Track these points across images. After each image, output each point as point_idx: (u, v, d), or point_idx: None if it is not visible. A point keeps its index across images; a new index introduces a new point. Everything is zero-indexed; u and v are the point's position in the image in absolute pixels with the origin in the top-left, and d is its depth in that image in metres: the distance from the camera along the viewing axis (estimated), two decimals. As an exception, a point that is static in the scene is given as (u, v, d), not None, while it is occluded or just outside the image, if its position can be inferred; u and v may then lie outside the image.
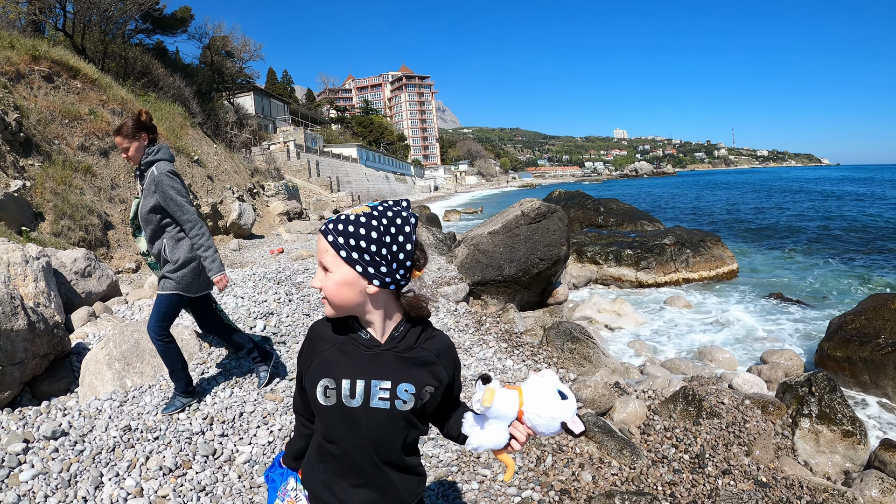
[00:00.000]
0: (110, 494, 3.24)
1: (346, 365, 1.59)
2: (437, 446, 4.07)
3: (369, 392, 1.58)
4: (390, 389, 1.58)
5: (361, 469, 1.62)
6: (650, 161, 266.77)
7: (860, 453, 4.62)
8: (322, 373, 1.60)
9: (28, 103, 12.07)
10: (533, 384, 1.56)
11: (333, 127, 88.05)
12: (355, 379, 1.58)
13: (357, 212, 1.52)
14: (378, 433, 1.60)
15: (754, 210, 34.18)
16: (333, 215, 1.62)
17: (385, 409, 1.59)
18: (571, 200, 21.04)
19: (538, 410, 1.53)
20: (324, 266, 1.54)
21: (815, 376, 5.09)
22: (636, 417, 4.97)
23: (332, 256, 1.52)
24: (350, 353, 1.60)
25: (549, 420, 1.53)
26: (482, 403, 1.52)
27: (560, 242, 10.07)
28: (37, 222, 9.57)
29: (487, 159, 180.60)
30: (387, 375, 1.59)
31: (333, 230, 1.51)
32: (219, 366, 4.92)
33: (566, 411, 1.53)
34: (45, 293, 6.04)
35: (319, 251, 1.55)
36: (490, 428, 1.58)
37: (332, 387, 1.58)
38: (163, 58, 31.07)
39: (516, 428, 1.57)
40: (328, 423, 1.62)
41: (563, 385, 1.57)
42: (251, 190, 22.19)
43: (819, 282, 13.22)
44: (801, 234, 21.82)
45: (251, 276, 8.01)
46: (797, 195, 47.06)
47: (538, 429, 1.55)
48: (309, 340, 1.69)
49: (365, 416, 1.58)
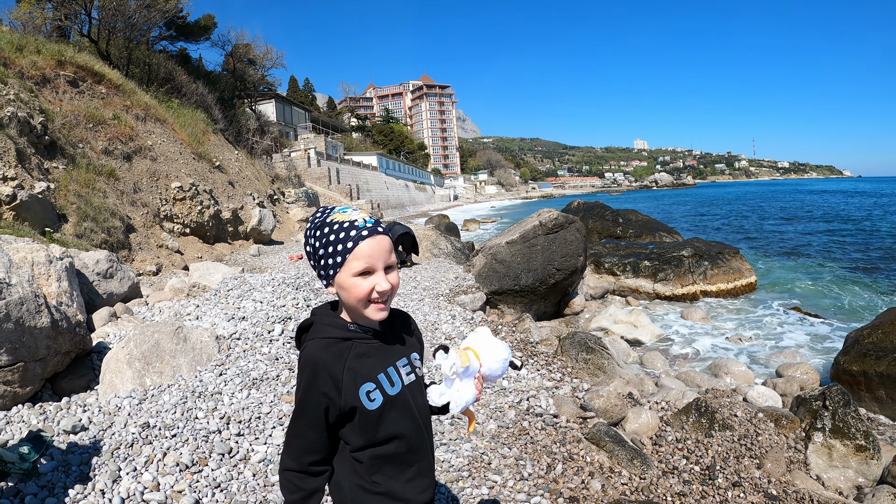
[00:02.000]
0: (128, 488, 3.31)
1: (371, 364, 1.66)
2: (449, 451, 4.11)
3: (400, 374, 1.71)
4: (409, 363, 1.76)
5: (418, 449, 1.74)
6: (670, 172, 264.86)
7: (873, 468, 4.59)
8: (356, 385, 1.62)
9: (53, 107, 12.29)
10: (479, 339, 1.88)
11: (354, 135, 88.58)
12: (386, 369, 1.68)
13: (367, 213, 1.68)
14: (419, 404, 1.76)
15: (774, 222, 33.90)
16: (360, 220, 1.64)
17: (415, 381, 1.76)
18: (590, 211, 21.01)
19: (493, 356, 1.84)
20: (389, 265, 1.64)
21: (829, 390, 5.07)
22: (648, 428, 4.97)
23: (393, 254, 1.67)
24: (366, 352, 1.66)
25: (502, 362, 1.85)
26: (461, 365, 1.75)
27: (577, 253, 10.09)
28: (60, 224, 9.74)
29: (507, 169, 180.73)
30: (400, 353, 1.75)
31: (386, 230, 1.66)
32: (237, 367, 4.99)
33: (508, 352, 1.88)
34: (68, 293, 6.16)
35: (385, 251, 1.63)
36: (461, 386, 1.80)
37: (372, 389, 1.63)
38: (186, 64, 31.46)
39: (478, 379, 1.83)
40: (381, 422, 1.65)
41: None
42: (272, 196, 22.39)
43: (837, 295, 13.11)
44: (820, 247, 21.64)
45: (270, 280, 8.09)
46: (817, 208, 46.61)
47: (495, 373, 1.86)
48: (323, 369, 1.62)
49: (408, 394, 1.71)
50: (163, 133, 16.40)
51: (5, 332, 4.13)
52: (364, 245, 1.58)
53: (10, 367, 4.17)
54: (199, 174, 16.50)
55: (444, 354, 1.75)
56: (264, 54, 37.42)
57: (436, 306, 8.27)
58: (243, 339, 5.69)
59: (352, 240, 1.58)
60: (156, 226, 12.92)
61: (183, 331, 5.14)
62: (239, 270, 10.05)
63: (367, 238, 1.58)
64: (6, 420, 4.03)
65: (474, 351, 1.82)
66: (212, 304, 7.04)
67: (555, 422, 4.76)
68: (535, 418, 4.80)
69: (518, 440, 4.39)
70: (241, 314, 6.43)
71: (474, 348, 1.83)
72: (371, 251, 1.59)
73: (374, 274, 1.60)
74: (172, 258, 12.16)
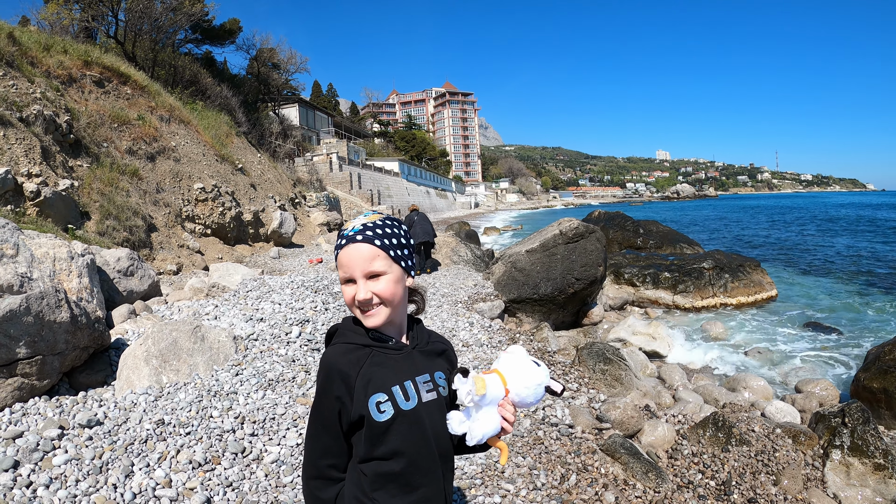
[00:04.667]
0: (140, 483, 3.32)
1: (387, 374, 1.62)
2: (463, 458, 4.08)
3: (418, 389, 1.65)
4: (431, 381, 1.69)
5: (426, 472, 1.64)
6: (692, 183, 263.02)
7: (892, 488, 4.50)
8: (367, 394, 1.59)
9: (79, 106, 12.45)
10: (508, 362, 1.67)
11: (376, 140, 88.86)
12: (402, 382, 1.63)
13: (374, 219, 1.67)
14: (436, 424, 1.66)
15: (796, 236, 33.52)
16: (349, 227, 1.66)
17: (435, 399, 1.68)
18: (611, 221, 20.90)
19: (524, 382, 1.63)
20: (372, 273, 1.60)
21: (848, 407, 4.99)
22: (664, 441, 4.92)
23: (383, 259, 1.61)
24: (383, 362, 1.64)
25: (535, 388, 1.64)
26: (476, 393, 1.57)
27: (597, 263, 10.03)
28: (83, 221, 9.84)
29: (528, 178, 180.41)
30: (423, 370, 1.69)
31: (376, 236, 1.61)
32: (254, 368, 5.01)
33: (544, 376, 1.66)
34: (88, 289, 6.22)
35: (363, 259, 1.60)
36: (483, 415, 1.62)
37: (384, 400, 1.59)
38: (211, 67, 31.81)
39: (504, 408, 1.63)
40: (388, 436, 1.60)
41: (531, 357, 1.70)
42: (293, 200, 22.49)
43: (858, 311, 12.91)
44: (842, 261, 21.33)
45: (289, 283, 8.12)
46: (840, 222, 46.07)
47: (526, 400, 1.65)
48: (337, 374, 1.61)
49: (424, 413, 1.64)
50: (186, 134, 16.54)
51: (25, 326, 4.18)
52: (342, 254, 1.62)
53: (29, 360, 4.22)
54: (222, 176, 16.62)
55: (462, 379, 1.60)
56: (288, 59, 37.77)
57: (454, 313, 8.25)
58: (260, 340, 5.71)
59: (337, 248, 1.65)
60: (177, 226, 13.03)
61: (201, 330, 5.17)
62: (258, 272, 10.10)
63: (344, 247, 1.61)
64: (23, 412, 4.08)
65: (501, 375, 1.64)
66: (230, 304, 7.08)
67: (570, 432, 4.72)
68: (551, 428, 4.76)
69: (532, 449, 4.35)
70: (259, 315, 6.46)
71: (502, 372, 1.65)
72: (346, 260, 1.61)
73: (355, 282, 1.61)
74: (193, 258, 12.25)
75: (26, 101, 10.22)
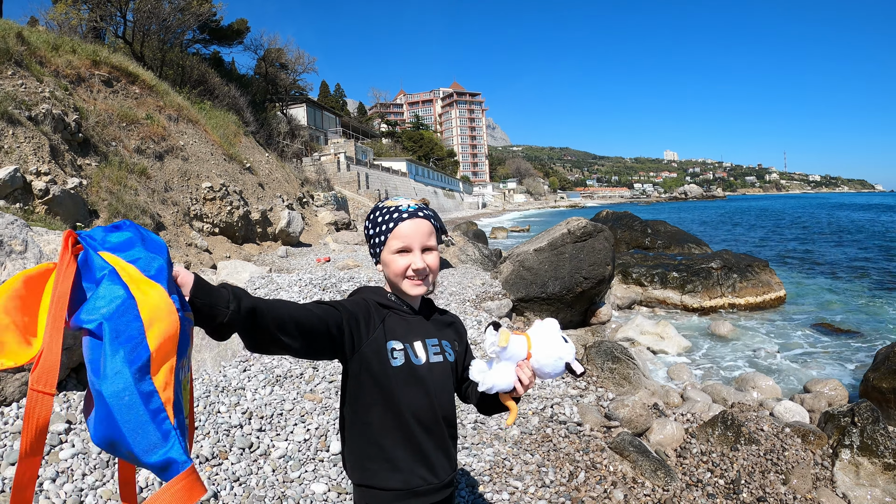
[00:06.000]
0: (146, 477, 3.32)
1: (405, 329, 1.78)
2: (471, 455, 4.07)
3: (427, 350, 1.79)
4: (439, 345, 1.84)
5: (428, 428, 1.76)
6: (700, 184, 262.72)
7: (903, 488, 4.47)
8: (386, 337, 1.74)
9: (87, 105, 12.49)
10: (538, 329, 1.73)
11: (384, 140, 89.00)
12: (414, 341, 1.78)
13: (415, 203, 1.82)
14: (437, 385, 1.79)
15: (804, 236, 33.36)
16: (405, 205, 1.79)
17: (441, 363, 1.82)
18: (619, 221, 20.84)
19: (546, 351, 1.68)
20: (427, 247, 1.77)
21: (858, 406, 4.95)
22: (673, 440, 4.90)
23: (435, 237, 1.79)
24: (398, 320, 1.79)
25: (555, 360, 1.68)
26: (498, 344, 1.64)
27: (605, 262, 10.00)
28: (91, 219, 9.87)
29: (536, 178, 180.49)
30: (433, 334, 1.85)
31: (431, 216, 1.80)
32: (261, 364, 5.01)
33: (569, 352, 1.69)
34: (97, 287, 6.23)
35: (424, 234, 1.76)
36: (499, 369, 1.69)
37: (399, 348, 1.74)
38: (219, 67, 31.91)
39: (522, 369, 1.70)
40: (396, 385, 1.71)
41: (563, 333, 1.75)
42: (301, 199, 22.53)
43: (867, 311, 12.83)
44: (851, 262, 21.22)
45: (297, 281, 8.13)
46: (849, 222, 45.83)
47: (545, 369, 1.69)
48: (369, 304, 1.77)
49: (428, 371, 1.77)
50: (194, 134, 16.59)
51: (33, 322, 4.18)
52: (403, 226, 1.74)
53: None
54: (230, 175, 16.66)
55: (493, 331, 1.69)
56: (296, 59, 37.90)
57: (462, 311, 8.24)
58: (268, 337, 5.71)
59: (393, 220, 1.75)
60: (185, 225, 13.05)
61: (208, 326, 5.17)
62: (266, 270, 10.11)
63: (407, 220, 1.74)
64: (31, 408, 4.08)
65: (528, 339, 1.70)
66: (238, 302, 7.08)
67: (578, 430, 4.70)
68: (559, 426, 4.74)
69: (541, 447, 4.34)
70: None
71: (530, 336, 1.71)
72: (408, 231, 1.74)
73: (411, 253, 1.75)
74: (201, 257, 12.27)
75: (35, 101, 10.27)
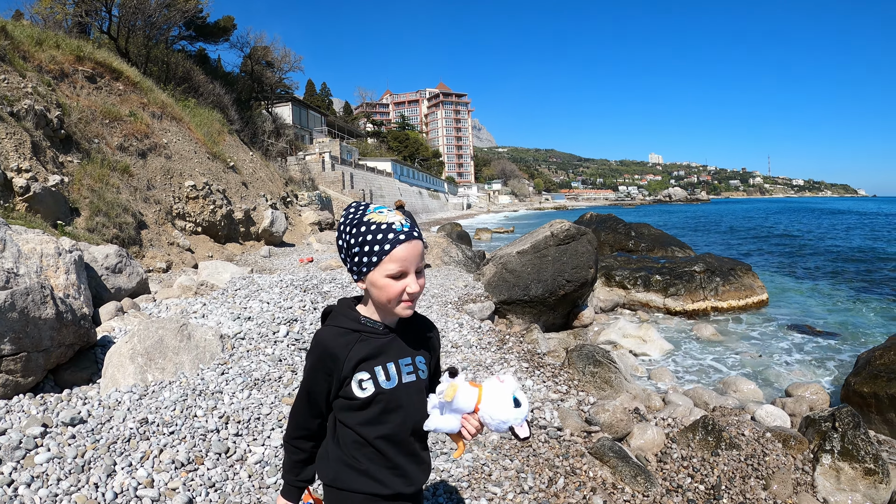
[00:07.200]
0: (122, 483, 3.28)
1: (371, 356, 1.74)
2: (450, 461, 4.05)
3: (399, 371, 1.76)
4: (412, 363, 1.81)
5: (400, 443, 1.78)
6: (684, 187, 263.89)
7: (882, 493, 4.49)
8: (353, 371, 1.72)
9: (70, 102, 12.37)
10: (493, 387, 1.74)
11: (369, 140, 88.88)
12: (387, 362, 1.75)
13: (402, 218, 1.71)
14: (412, 404, 1.78)
15: (787, 240, 33.62)
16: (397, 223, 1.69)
17: (414, 381, 1.79)
18: (602, 224, 20.91)
19: (491, 412, 1.71)
20: (420, 269, 1.71)
21: (839, 411, 4.98)
22: (654, 445, 4.89)
23: (424, 258, 1.76)
24: (370, 345, 1.74)
25: (499, 423, 1.71)
26: (444, 397, 1.71)
27: (588, 265, 10.01)
28: (72, 217, 9.77)
29: (521, 179, 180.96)
30: (407, 353, 1.81)
31: (420, 235, 1.72)
32: (240, 367, 4.96)
33: (516, 418, 1.71)
34: (75, 285, 6.16)
35: (418, 256, 1.69)
36: (447, 415, 1.76)
37: (366, 378, 1.72)
38: (204, 65, 31.71)
39: (468, 420, 1.75)
40: (369, 410, 1.73)
41: (521, 392, 1.76)
42: (284, 199, 22.44)
43: (849, 315, 12.95)
44: (833, 266, 21.41)
45: (278, 282, 8.07)
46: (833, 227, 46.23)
47: (490, 426, 1.73)
48: (325, 353, 1.73)
49: (402, 392, 1.76)
50: (178, 132, 16.47)
51: (9, 322, 4.13)
52: (400, 249, 1.64)
53: (13, 356, 4.16)
54: (213, 174, 16.56)
55: (447, 378, 1.74)
56: (282, 57, 37.73)
57: (444, 314, 8.21)
58: (248, 339, 5.67)
59: (389, 242, 1.64)
60: (168, 223, 12.95)
61: (187, 328, 5.12)
62: (248, 270, 10.05)
63: (404, 242, 1.65)
64: (6, 409, 4.03)
65: (480, 392, 1.74)
66: (219, 302, 7.03)
67: (558, 435, 4.69)
68: (539, 430, 4.73)
69: (520, 452, 4.32)
70: (248, 314, 6.42)
71: (483, 391, 1.74)
72: (406, 255, 1.65)
73: (407, 276, 1.67)
74: (183, 256, 12.18)
75: (17, 96, 10.15)
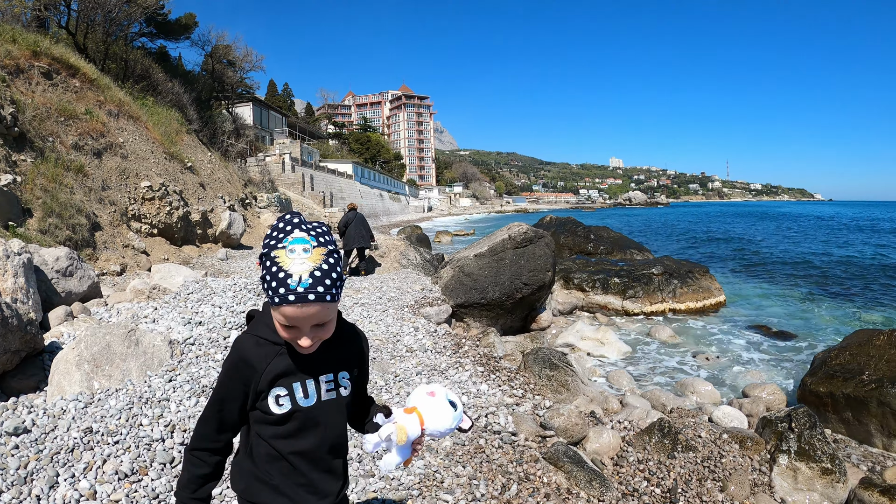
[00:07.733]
0: (64, 495, 3.18)
1: (290, 371, 1.67)
2: (402, 469, 4.00)
3: (319, 388, 1.71)
4: (334, 380, 1.75)
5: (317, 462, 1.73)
6: (644, 191, 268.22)
7: (839, 491, 4.57)
8: (270, 386, 1.66)
9: (25, 98, 12.03)
10: (428, 404, 1.79)
11: (331, 142, 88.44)
12: (306, 379, 1.68)
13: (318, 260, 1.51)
14: (330, 422, 1.73)
15: (744, 242, 34.23)
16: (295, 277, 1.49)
17: (334, 399, 1.74)
18: (562, 227, 21.06)
19: (436, 426, 1.78)
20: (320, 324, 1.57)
21: (795, 412, 5.06)
22: (610, 448, 4.91)
23: (331, 309, 1.57)
24: (290, 360, 1.67)
25: (446, 430, 1.79)
26: (398, 443, 1.73)
27: (545, 268, 10.05)
28: (24, 218, 9.50)
29: (482, 182, 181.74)
30: (327, 369, 1.73)
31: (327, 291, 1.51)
32: (188, 374, 4.86)
33: (458, 418, 1.81)
34: (24, 289, 5.99)
35: (314, 318, 1.53)
36: (399, 450, 1.78)
37: (283, 394, 1.66)
38: (164, 62, 31.14)
39: (417, 447, 1.81)
40: (284, 428, 1.68)
41: (451, 393, 1.83)
42: (243, 200, 22.14)
43: (805, 316, 13.24)
44: (790, 267, 21.89)
45: (232, 285, 7.95)
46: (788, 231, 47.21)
47: (437, 435, 1.80)
48: (243, 361, 1.66)
49: (320, 410, 1.71)
50: (135, 131, 16.13)
51: (-53, 329, 3.98)
52: (288, 311, 1.50)
53: (-48, 364, 4.02)
54: (170, 174, 16.26)
55: (384, 419, 1.75)
56: (244, 56, 37.26)
57: (399, 318, 8.17)
58: (197, 345, 5.56)
59: (279, 296, 1.49)
60: (123, 225, 12.67)
61: (135, 334, 5.00)
62: (202, 274, 9.89)
63: (292, 305, 1.49)
64: (-52, 417, 3.88)
65: (419, 414, 1.77)
66: (170, 307, 6.89)
67: (513, 440, 4.68)
68: (493, 436, 4.71)
69: (473, 458, 4.29)
70: (199, 319, 6.31)
71: (420, 411, 1.77)
72: (294, 317, 1.52)
73: (299, 330, 1.56)
74: (138, 259, 11.93)
75: (-33, 92, 9.84)
